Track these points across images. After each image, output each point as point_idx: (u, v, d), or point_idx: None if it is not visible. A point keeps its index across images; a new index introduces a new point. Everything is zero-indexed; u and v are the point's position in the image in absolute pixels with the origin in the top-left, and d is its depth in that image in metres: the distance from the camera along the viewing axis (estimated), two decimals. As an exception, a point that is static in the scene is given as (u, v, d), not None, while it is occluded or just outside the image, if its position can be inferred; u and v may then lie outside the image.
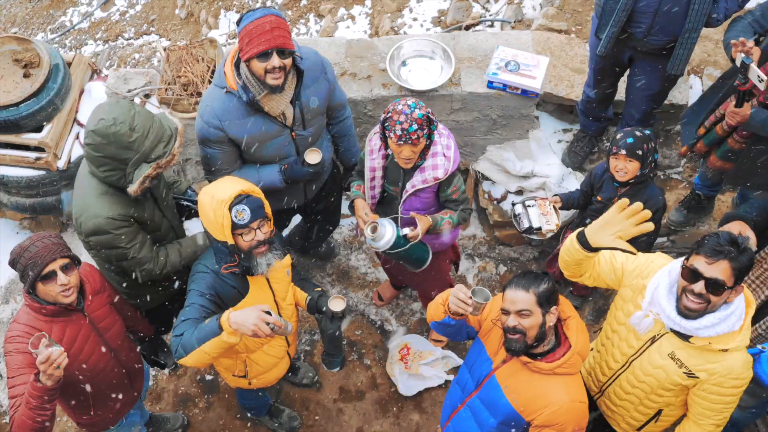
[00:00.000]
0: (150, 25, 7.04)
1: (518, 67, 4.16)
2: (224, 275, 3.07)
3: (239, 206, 2.92)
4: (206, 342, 2.83)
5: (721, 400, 2.76)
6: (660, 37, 3.74)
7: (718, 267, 2.52)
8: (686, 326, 2.65)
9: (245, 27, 3.17)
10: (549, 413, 2.74)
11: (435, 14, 5.57)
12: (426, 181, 3.37)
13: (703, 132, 3.82)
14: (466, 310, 2.76)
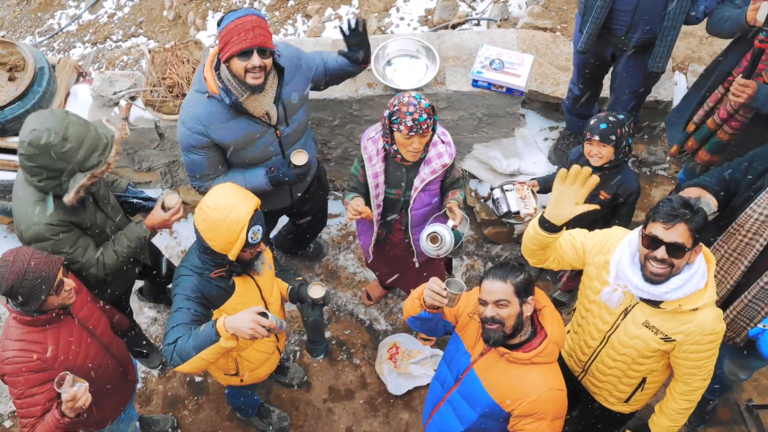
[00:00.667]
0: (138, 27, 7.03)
1: (503, 66, 4.17)
2: (210, 277, 3.06)
3: (255, 227, 2.90)
4: (203, 349, 2.82)
5: (701, 357, 2.83)
6: (640, 35, 3.75)
7: (676, 230, 2.58)
8: (655, 292, 2.70)
9: (226, 26, 3.19)
10: (528, 403, 2.77)
11: (422, 13, 5.57)
12: (435, 171, 3.42)
13: (693, 128, 3.83)
14: (441, 302, 2.78)
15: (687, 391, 2.98)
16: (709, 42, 4.85)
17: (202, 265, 3.04)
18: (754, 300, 3.13)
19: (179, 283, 3.07)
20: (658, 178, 4.78)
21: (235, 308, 3.12)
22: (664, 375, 3.09)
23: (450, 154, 3.44)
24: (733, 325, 3.26)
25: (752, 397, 4.33)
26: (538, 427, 2.79)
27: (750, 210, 3.03)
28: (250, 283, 3.18)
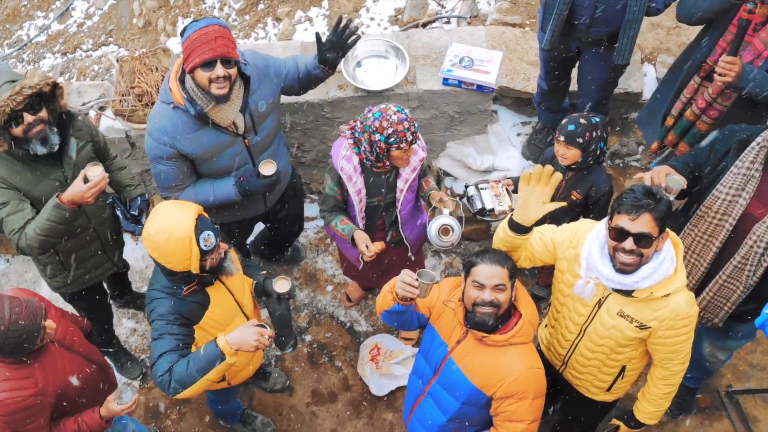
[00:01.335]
0: (108, 36, 6.98)
1: (472, 63, 4.18)
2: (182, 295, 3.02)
3: (204, 234, 2.85)
4: (209, 371, 2.86)
5: (678, 341, 2.87)
6: (602, 28, 3.77)
7: (641, 221, 2.61)
8: (626, 282, 2.73)
9: (189, 37, 3.16)
10: (509, 383, 2.82)
11: (392, 13, 5.58)
12: (415, 168, 3.47)
13: (672, 122, 3.84)
14: (413, 293, 2.79)
15: (667, 376, 3.02)
16: (676, 32, 4.88)
17: (172, 285, 3.00)
18: (728, 280, 3.16)
19: (154, 307, 3.01)
20: (631, 170, 4.81)
21: (214, 319, 3.12)
22: (643, 361, 3.12)
23: (423, 147, 3.47)
24: (710, 306, 3.30)
25: (732, 382, 4.37)
26: (519, 407, 2.84)
27: (716, 191, 3.05)
28: (223, 290, 3.16)
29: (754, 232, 2.99)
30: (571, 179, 3.69)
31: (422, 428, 3.23)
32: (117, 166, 3.76)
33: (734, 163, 3.01)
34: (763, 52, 3.35)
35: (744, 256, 3.05)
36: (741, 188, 3.00)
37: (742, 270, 3.08)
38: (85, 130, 3.46)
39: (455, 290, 3.05)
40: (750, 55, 3.39)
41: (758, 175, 2.98)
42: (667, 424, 4.27)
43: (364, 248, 3.51)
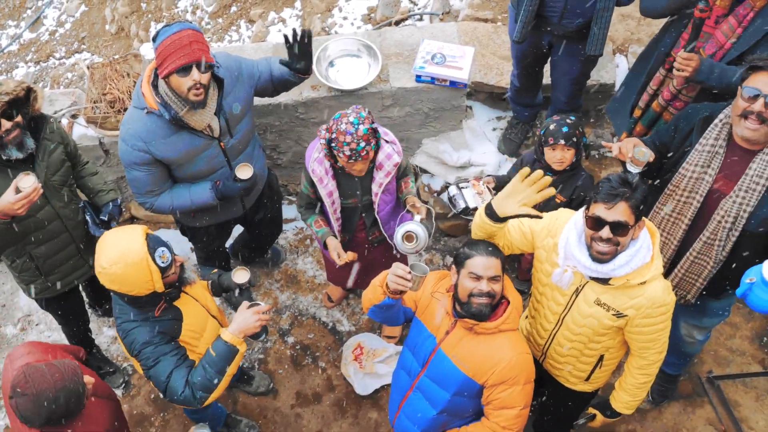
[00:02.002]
0: (81, 43, 6.93)
1: (444, 59, 4.19)
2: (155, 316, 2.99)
3: (158, 251, 2.80)
4: (228, 367, 2.96)
5: (654, 329, 2.89)
6: (574, 20, 3.78)
7: (617, 209, 2.63)
8: (603, 270, 2.76)
9: (162, 43, 3.13)
10: (500, 370, 2.86)
11: (364, 11, 5.57)
12: (389, 173, 3.44)
13: (640, 113, 3.87)
14: (405, 285, 2.80)
15: (644, 365, 3.04)
16: (647, 23, 4.91)
17: (141, 312, 2.96)
18: (698, 256, 3.20)
19: (134, 338, 2.95)
20: (607, 161, 4.84)
21: (191, 330, 3.11)
22: (621, 351, 3.14)
23: (398, 152, 3.45)
24: (682, 283, 3.33)
25: (712, 368, 4.41)
26: (512, 393, 2.88)
27: (683, 169, 3.09)
28: (189, 299, 3.15)
29: (722, 208, 3.03)
30: (556, 182, 3.69)
31: (411, 423, 3.24)
32: (88, 171, 3.75)
33: (698, 141, 3.05)
34: (725, 44, 3.40)
35: (713, 231, 3.09)
36: (706, 165, 3.04)
37: (712, 246, 3.12)
38: (56, 132, 3.44)
39: (441, 282, 3.08)
40: (712, 47, 3.43)
41: (722, 152, 3.01)
42: (650, 412, 4.30)
43: (336, 256, 3.55)
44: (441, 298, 3.00)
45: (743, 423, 4.24)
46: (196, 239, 4.10)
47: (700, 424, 4.26)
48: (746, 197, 2.98)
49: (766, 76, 2.79)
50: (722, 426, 4.24)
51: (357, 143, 3.17)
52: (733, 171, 3.01)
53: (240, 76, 3.50)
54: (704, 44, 3.44)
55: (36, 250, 3.52)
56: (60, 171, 3.47)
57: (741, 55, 3.37)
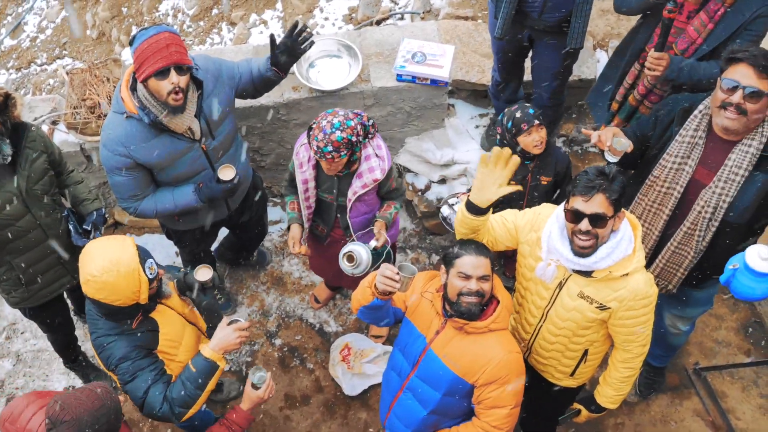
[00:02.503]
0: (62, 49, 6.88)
1: (425, 58, 4.19)
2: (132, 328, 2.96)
3: (148, 262, 2.82)
4: (207, 382, 2.95)
5: (638, 322, 2.91)
6: (554, 14, 3.79)
7: (595, 201, 2.65)
8: (585, 263, 2.77)
9: (139, 46, 3.12)
10: (490, 370, 2.86)
11: (345, 12, 5.56)
12: (366, 185, 3.41)
13: (617, 107, 3.90)
14: (394, 286, 2.81)
15: (627, 359, 3.05)
16: (627, 18, 4.92)
17: (117, 325, 2.93)
18: (679, 246, 3.22)
19: (110, 353, 2.92)
20: (590, 155, 4.85)
21: (170, 339, 3.09)
22: (605, 345, 3.15)
23: (382, 169, 3.41)
24: (663, 273, 3.35)
25: (699, 360, 4.43)
26: (502, 392, 2.88)
27: (663, 160, 3.11)
28: (164, 308, 3.13)
29: (702, 198, 3.05)
30: (536, 167, 3.76)
31: (402, 424, 3.23)
32: (74, 180, 3.72)
33: (678, 132, 3.07)
34: (697, 39, 3.43)
35: (693, 222, 3.11)
36: (686, 156, 3.06)
37: (692, 236, 3.14)
38: (39, 141, 3.41)
39: (430, 282, 3.08)
40: (684, 43, 3.46)
41: (702, 143, 3.04)
42: (637, 405, 4.32)
43: (291, 244, 3.62)
44: (431, 298, 2.99)
45: (730, 414, 4.27)
46: (182, 243, 4.08)
47: (687, 416, 4.29)
48: (725, 188, 2.99)
49: (744, 68, 2.81)
50: (710, 417, 4.26)
51: (325, 144, 3.17)
52: (713, 162, 3.03)
53: (220, 77, 3.49)
54: (676, 39, 3.47)
55: (16, 259, 3.49)
56: (42, 180, 3.44)
57: (713, 50, 3.40)
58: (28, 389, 4.53)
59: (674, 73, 3.45)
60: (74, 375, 4.53)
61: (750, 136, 2.93)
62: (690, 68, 3.43)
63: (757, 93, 2.80)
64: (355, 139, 3.22)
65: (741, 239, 3.14)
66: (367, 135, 3.34)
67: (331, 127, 3.16)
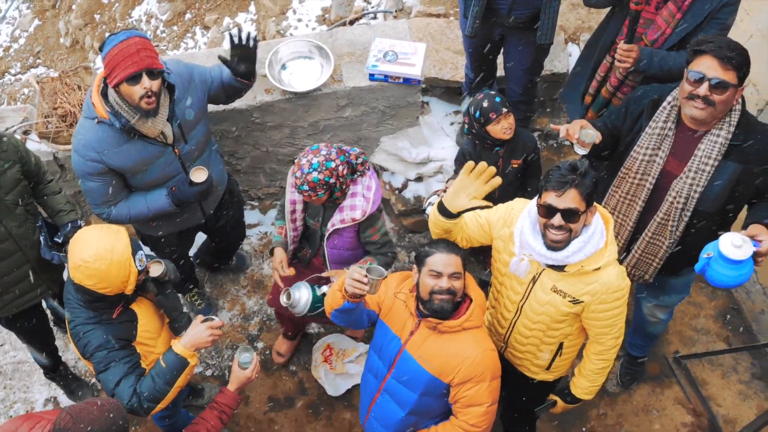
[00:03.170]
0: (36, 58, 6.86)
1: (396, 57, 4.19)
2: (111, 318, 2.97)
3: (138, 254, 2.84)
4: (177, 378, 2.95)
5: (611, 315, 2.92)
6: (523, 11, 3.81)
7: (568, 196, 2.66)
8: (557, 257, 2.79)
9: (110, 52, 3.10)
10: (466, 368, 2.86)
11: (319, 12, 5.57)
12: (344, 221, 3.38)
13: (590, 100, 3.92)
14: (363, 289, 2.81)
15: (601, 351, 3.07)
16: (598, 12, 4.94)
17: (96, 314, 2.95)
18: (654, 236, 3.24)
19: (88, 341, 2.94)
20: (565, 149, 4.88)
21: (148, 330, 3.10)
22: (580, 338, 3.17)
23: (363, 211, 3.37)
24: (639, 263, 3.38)
25: (678, 349, 4.47)
26: (478, 390, 2.88)
27: (634, 152, 3.13)
28: (143, 301, 3.14)
29: (673, 188, 3.08)
30: (506, 153, 3.81)
31: (381, 426, 3.23)
32: (51, 190, 3.68)
33: (648, 124, 3.09)
34: (666, 30, 3.45)
35: (666, 212, 3.14)
36: (657, 147, 3.08)
37: (666, 226, 3.17)
38: (11, 151, 3.37)
39: (404, 283, 3.07)
40: (654, 33, 3.48)
41: (672, 134, 3.06)
42: (619, 395, 4.35)
43: (277, 264, 3.57)
44: (404, 299, 2.99)
45: (711, 401, 4.31)
46: (158, 249, 4.06)
47: (669, 404, 4.32)
48: (696, 177, 3.02)
49: (709, 59, 2.83)
50: (691, 404, 4.30)
51: (302, 183, 3.19)
52: (683, 152, 3.06)
53: (192, 81, 3.48)
54: (646, 30, 3.49)
55: None
56: (14, 190, 3.41)
57: (682, 40, 3.42)
58: (9, 402, 4.50)
59: (645, 64, 3.48)
60: (55, 386, 4.50)
61: (718, 125, 2.95)
62: (660, 59, 3.46)
63: (722, 84, 2.82)
64: (333, 181, 3.21)
65: (715, 227, 3.17)
66: (354, 172, 3.32)
67: (309, 166, 3.17)
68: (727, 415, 4.27)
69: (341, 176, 3.24)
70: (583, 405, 3.76)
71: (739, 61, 2.82)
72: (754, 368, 4.41)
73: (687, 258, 3.24)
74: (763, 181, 3.01)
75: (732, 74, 2.82)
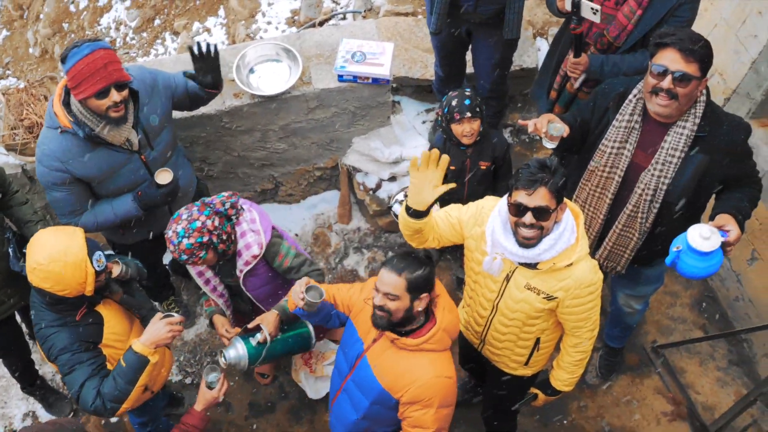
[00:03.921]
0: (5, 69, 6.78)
1: (365, 57, 4.18)
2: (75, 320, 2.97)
3: (96, 255, 2.84)
4: (138, 377, 2.94)
5: (585, 309, 2.93)
6: (489, 7, 3.82)
7: (538, 195, 2.65)
8: (529, 255, 2.78)
9: (75, 66, 3.05)
10: (415, 389, 2.79)
11: (288, 15, 5.54)
12: (247, 262, 3.27)
13: (556, 95, 3.94)
14: (302, 306, 2.85)
15: (577, 344, 3.09)
16: (565, 4, 4.98)
17: (60, 316, 2.94)
18: (624, 228, 3.26)
19: (52, 344, 2.94)
20: (538, 144, 4.89)
21: (115, 333, 3.09)
22: (556, 333, 3.18)
23: (259, 244, 3.24)
24: (611, 255, 3.40)
25: (656, 338, 4.49)
26: (424, 414, 2.81)
27: (602, 146, 3.15)
28: (110, 303, 3.13)
29: (641, 181, 3.10)
30: (474, 153, 3.79)
31: (338, 424, 3.23)
32: (17, 201, 3.65)
33: (615, 117, 3.10)
34: (627, 26, 3.47)
35: (635, 204, 3.16)
36: (624, 140, 3.10)
37: (635, 218, 3.19)
38: None
39: None
40: (615, 30, 3.50)
41: (639, 127, 3.07)
42: (600, 387, 4.37)
43: (222, 330, 3.44)
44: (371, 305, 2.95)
45: (690, 389, 4.34)
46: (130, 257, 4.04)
47: (649, 394, 4.34)
48: (663, 170, 3.04)
49: (671, 52, 2.84)
50: (670, 393, 4.33)
51: (179, 254, 3.08)
52: (650, 145, 3.08)
53: (156, 87, 3.45)
54: (608, 26, 3.51)
55: None
56: None
57: (644, 36, 3.45)
58: (-14, 418, 4.46)
59: (596, 73, 3.56)
60: (33, 400, 4.45)
61: (684, 117, 2.97)
62: (613, 65, 3.52)
63: (685, 76, 2.83)
64: (207, 238, 3.08)
65: (684, 218, 3.19)
66: (230, 218, 3.19)
67: (177, 237, 3.06)
68: (706, 402, 4.30)
69: (214, 229, 3.09)
70: (564, 398, 3.78)
71: (702, 53, 2.83)
72: (731, 355, 4.45)
73: (658, 249, 3.26)
74: (728, 171, 3.04)
75: (695, 66, 2.83)
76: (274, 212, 5.02)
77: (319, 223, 4.99)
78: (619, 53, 3.54)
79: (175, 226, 3.08)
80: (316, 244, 4.90)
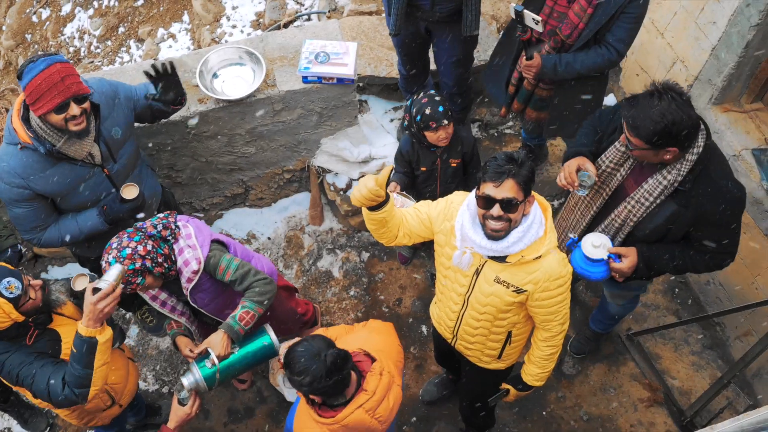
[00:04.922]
0: (-30, 82, 6.68)
1: (328, 58, 4.16)
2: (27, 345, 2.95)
3: (3, 283, 2.77)
4: (94, 359, 2.88)
5: (555, 302, 2.95)
6: (446, 5, 3.83)
7: (505, 187, 2.67)
8: (498, 248, 2.79)
9: (32, 81, 3.01)
10: None
11: (253, 18, 5.51)
12: (190, 279, 3.18)
13: (513, 90, 3.95)
14: None
15: (548, 338, 3.10)
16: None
17: (9, 344, 2.93)
18: None
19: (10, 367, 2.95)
20: (506, 138, 4.90)
21: None
22: (528, 326, 3.20)
23: (197, 259, 3.15)
24: None
25: (631, 326, 4.53)
26: None
27: (600, 161, 3.18)
28: (63, 319, 3.10)
29: (617, 207, 3.16)
30: (444, 153, 3.80)
31: None
32: None
33: (618, 139, 3.10)
34: (579, 24, 3.49)
35: (606, 226, 3.24)
36: (620, 164, 3.13)
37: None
38: None
39: None
40: (568, 28, 3.52)
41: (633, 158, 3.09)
42: (576, 377, 4.40)
43: (186, 351, 3.33)
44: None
45: (665, 374, 4.38)
46: (97, 270, 3.99)
47: (625, 381, 4.38)
48: (634, 209, 3.10)
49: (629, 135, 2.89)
50: (646, 380, 4.36)
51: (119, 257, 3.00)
52: (641, 177, 3.09)
53: (117, 99, 3.42)
54: (560, 24, 3.54)
55: None
56: None
57: (596, 34, 3.48)
58: (-40, 437, 4.40)
59: (550, 73, 3.61)
60: (8, 416, 4.41)
61: (669, 167, 2.97)
62: (566, 65, 3.57)
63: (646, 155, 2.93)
64: (140, 264, 2.99)
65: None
66: (165, 240, 3.12)
67: (108, 266, 2.97)
68: (682, 387, 4.34)
69: (146, 254, 3.01)
70: (542, 389, 3.79)
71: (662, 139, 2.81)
72: (704, 339, 4.50)
73: None
74: (698, 230, 3.06)
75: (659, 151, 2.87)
76: (246, 217, 5.01)
77: (291, 225, 4.98)
78: (572, 51, 3.56)
79: (107, 256, 2.99)
80: (289, 247, 4.89)
